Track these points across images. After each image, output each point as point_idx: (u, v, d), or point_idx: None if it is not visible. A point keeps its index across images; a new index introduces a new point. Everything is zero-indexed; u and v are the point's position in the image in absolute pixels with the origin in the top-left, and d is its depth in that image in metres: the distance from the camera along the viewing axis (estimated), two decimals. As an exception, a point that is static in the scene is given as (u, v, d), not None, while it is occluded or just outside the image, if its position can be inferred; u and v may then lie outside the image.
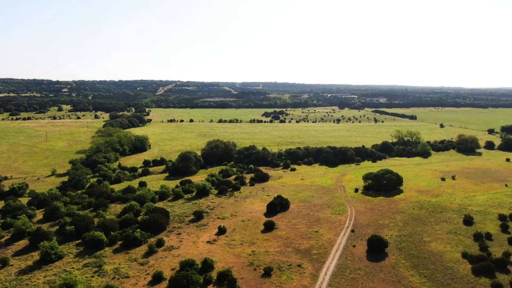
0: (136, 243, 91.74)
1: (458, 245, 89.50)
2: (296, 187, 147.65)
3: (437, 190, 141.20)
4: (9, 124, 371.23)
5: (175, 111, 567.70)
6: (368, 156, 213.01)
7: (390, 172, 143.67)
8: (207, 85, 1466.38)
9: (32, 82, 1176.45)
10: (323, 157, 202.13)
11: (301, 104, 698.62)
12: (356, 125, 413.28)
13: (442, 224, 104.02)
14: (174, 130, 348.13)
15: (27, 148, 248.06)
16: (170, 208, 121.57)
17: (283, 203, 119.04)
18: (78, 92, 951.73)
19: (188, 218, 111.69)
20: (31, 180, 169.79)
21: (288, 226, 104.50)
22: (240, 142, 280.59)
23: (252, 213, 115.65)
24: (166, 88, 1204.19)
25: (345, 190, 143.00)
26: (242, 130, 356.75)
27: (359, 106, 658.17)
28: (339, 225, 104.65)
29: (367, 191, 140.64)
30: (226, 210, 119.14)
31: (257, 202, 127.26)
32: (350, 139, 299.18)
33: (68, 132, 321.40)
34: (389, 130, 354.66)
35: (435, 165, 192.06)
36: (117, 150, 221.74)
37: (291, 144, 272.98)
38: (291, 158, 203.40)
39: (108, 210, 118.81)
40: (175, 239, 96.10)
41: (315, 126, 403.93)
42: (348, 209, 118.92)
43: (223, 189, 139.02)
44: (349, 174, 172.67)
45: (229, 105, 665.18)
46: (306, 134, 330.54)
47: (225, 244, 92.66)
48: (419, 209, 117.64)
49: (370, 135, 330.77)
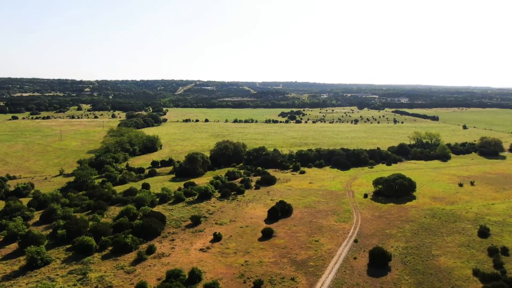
0: (126, 249, 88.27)
1: (470, 260, 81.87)
2: (303, 191, 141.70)
3: (453, 197, 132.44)
4: (29, 123, 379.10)
5: (192, 111, 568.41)
6: (383, 159, 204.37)
7: (402, 177, 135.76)
8: (226, 84, 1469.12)
9: (56, 82, 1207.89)
10: (335, 160, 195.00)
11: (319, 104, 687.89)
12: (374, 126, 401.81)
13: (455, 235, 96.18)
14: (188, 130, 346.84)
15: (41, 147, 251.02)
16: (169, 211, 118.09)
17: (285, 208, 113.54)
18: (99, 92, 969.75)
19: (185, 223, 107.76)
20: (38, 180, 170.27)
21: (288, 234, 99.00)
22: (252, 142, 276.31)
23: (252, 219, 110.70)
24: (186, 88, 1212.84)
25: (353, 195, 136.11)
26: (256, 131, 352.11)
27: (379, 106, 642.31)
28: (342, 234, 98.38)
29: (377, 196, 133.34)
30: (225, 215, 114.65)
31: (260, 207, 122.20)
32: (367, 141, 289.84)
33: (84, 132, 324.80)
34: (408, 132, 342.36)
35: (454, 169, 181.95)
36: (127, 150, 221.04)
37: (304, 145, 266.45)
38: (302, 160, 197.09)
39: (106, 212, 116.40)
40: (168, 245, 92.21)
41: (332, 126, 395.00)
42: (354, 216, 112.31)
43: (226, 193, 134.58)
44: (360, 178, 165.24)
45: (246, 105, 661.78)
46: (321, 135, 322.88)
47: (218, 252, 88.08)
48: (431, 217, 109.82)
49: (388, 136, 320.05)
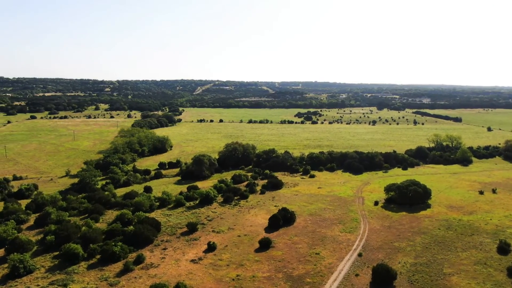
0: (114, 258, 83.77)
1: (486, 282, 73.36)
2: (310, 197, 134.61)
3: (472, 206, 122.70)
4: (46, 122, 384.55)
5: (208, 111, 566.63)
6: (399, 162, 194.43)
7: (416, 183, 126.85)
8: (245, 84, 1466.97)
9: (78, 82, 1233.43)
10: (347, 163, 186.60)
11: (337, 104, 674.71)
12: (392, 128, 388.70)
13: (471, 251, 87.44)
14: (201, 131, 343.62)
15: (53, 147, 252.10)
16: (167, 217, 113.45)
17: (287, 216, 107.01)
18: (119, 92, 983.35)
19: (181, 230, 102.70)
20: (44, 181, 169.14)
21: (287, 245, 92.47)
22: (265, 144, 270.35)
23: (252, 227, 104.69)
24: (204, 88, 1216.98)
25: (363, 202, 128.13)
26: (270, 132, 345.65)
27: (399, 107, 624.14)
28: (346, 246, 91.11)
29: (389, 204, 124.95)
30: (225, 221, 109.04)
31: (262, 213, 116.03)
32: (383, 143, 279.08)
33: (98, 131, 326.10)
34: (428, 134, 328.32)
35: (475, 175, 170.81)
36: (136, 151, 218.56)
37: (318, 147, 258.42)
38: (313, 163, 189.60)
39: (102, 217, 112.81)
40: (158, 255, 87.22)
41: (348, 128, 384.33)
42: (362, 226, 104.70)
43: (229, 197, 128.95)
44: (372, 183, 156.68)
45: (263, 105, 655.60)
46: (337, 137, 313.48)
47: (210, 264, 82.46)
48: (446, 229, 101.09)
49: (407, 138, 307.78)
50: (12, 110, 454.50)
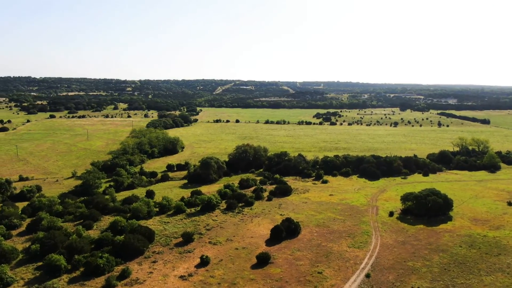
0: (98, 271, 77.56)
1: (514, 316, 62.97)
2: (320, 205, 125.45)
3: (499, 219, 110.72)
4: (64, 121, 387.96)
5: (226, 111, 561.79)
6: (420, 168, 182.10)
7: (436, 193, 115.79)
8: (266, 84, 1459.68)
9: (102, 81, 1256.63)
10: (363, 168, 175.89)
11: (358, 105, 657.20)
12: (415, 129, 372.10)
13: (496, 274, 76.67)
14: (216, 131, 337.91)
15: (66, 146, 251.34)
16: (164, 225, 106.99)
17: (291, 228, 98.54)
18: (140, 91, 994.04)
19: (176, 240, 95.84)
20: (49, 182, 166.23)
21: (288, 261, 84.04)
22: (279, 146, 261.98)
23: (252, 238, 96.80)
24: (224, 88, 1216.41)
25: (377, 212, 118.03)
26: (287, 133, 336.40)
27: (423, 108, 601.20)
28: (353, 264, 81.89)
29: (405, 215, 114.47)
30: (224, 231, 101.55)
31: (265, 223, 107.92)
32: (404, 146, 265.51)
33: (113, 131, 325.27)
34: (453, 136, 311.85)
35: (503, 183, 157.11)
36: (146, 152, 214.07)
37: (334, 150, 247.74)
38: (327, 167, 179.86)
39: (97, 223, 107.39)
40: (146, 269, 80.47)
41: (368, 129, 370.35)
42: (373, 240, 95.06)
43: (232, 204, 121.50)
44: (389, 191, 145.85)
45: (282, 105, 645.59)
46: (355, 139, 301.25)
47: (200, 281, 75.04)
48: (468, 247, 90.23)
49: (429, 141, 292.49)
50: (33, 109, 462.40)
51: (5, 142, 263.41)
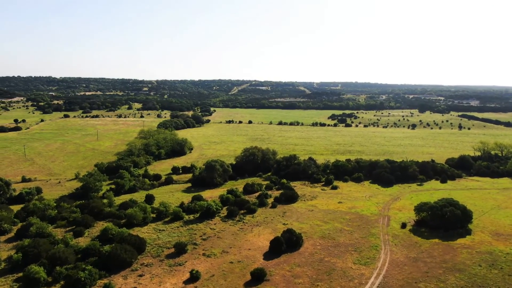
0: (79, 285, 71.94)
1: None
2: (326, 214, 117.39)
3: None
4: (77, 121, 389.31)
5: (240, 111, 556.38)
6: (437, 174, 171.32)
7: (453, 203, 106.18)
8: (282, 85, 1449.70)
9: (119, 81, 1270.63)
10: (376, 173, 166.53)
11: (375, 106, 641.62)
12: (434, 132, 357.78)
13: (521, 302, 67.43)
14: (227, 133, 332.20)
15: (75, 147, 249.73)
16: (158, 233, 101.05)
17: (292, 240, 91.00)
18: (156, 91, 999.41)
19: (168, 251, 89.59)
20: (51, 184, 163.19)
21: (285, 278, 76.62)
22: (291, 148, 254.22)
23: (250, 251, 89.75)
24: (240, 88, 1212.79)
25: (388, 223, 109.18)
26: (299, 135, 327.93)
27: (443, 110, 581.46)
28: (358, 284, 73.86)
29: (419, 227, 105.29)
30: (221, 242, 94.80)
31: (266, 233, 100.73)
32: (422, 150, 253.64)
33: (124, 131, 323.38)
34: (475, 140, 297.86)
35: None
36: (152, 153, 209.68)
37: (348, 153, 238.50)
38: (338, 172, 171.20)
39: (89, 230, 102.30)
40: (131, 283, 74.41)
41: (384, 132, 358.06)
42: (382, 256, 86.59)
43: (233, 212, 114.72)
44: (403, 199, 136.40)
45: (296, 106, 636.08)
46: (370, 142, 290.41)
47: (186, 300, 68.50)
48: (489, 266, 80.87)
49: (449, 145, 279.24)
50: (48, 109, 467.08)
51: (16, 141, 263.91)
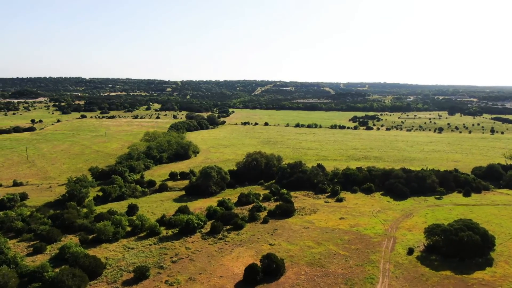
0: (7, 321, 61.48)
1: None
2: (323, 232, 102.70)
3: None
4: (92, 122, 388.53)
5: (259, 113, 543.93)
6: (460, 185, 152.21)
7: (472, 227, 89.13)
8: (307, 85, 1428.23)
9: (145, 82, 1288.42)
10: (389, 184, 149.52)
11: (401, 108, 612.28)
12: (462, 137, 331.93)
13: None
14: (239, 135, 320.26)
15: (81, 148, 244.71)
16: (125, 252, 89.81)
17: (271, 267, 77.36)
18: (179, 92, 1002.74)
19: (128, 275, 78.01)
20: (42, 189, 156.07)
21: (252, 320, 63.15)
22: (303, 153, 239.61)
23: (221, 278, 76.86)
24: (264, 88, 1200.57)
25: (393, 247, 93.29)
26: (315, 138, 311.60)
27: (475, 112, 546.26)
28: (339, 333, 59.40)
29: (429, 254, 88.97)
30: (191, 266, 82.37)
31: (247, 255, 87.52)
32: (447, 156, 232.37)
33: (135, 133, 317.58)
34: (508, 146, 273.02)
35: None
36: (154, 157, 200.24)
37: (364, 159, 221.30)
38: (347, 181, 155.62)
39: (53, 245, 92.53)
40: (69, 320, 63.21)
41: (408, 135, 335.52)
42: (377, 293, 71.53)
43: (216, 228, 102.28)
44: (416, 216, 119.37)
45: (318, 107, 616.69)
46: (390, 146, 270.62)
47: None
48: (511, 314, 64.36)
49: (478, 151, 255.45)
50: (68, 109, 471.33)
51: (26, 142, 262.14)
